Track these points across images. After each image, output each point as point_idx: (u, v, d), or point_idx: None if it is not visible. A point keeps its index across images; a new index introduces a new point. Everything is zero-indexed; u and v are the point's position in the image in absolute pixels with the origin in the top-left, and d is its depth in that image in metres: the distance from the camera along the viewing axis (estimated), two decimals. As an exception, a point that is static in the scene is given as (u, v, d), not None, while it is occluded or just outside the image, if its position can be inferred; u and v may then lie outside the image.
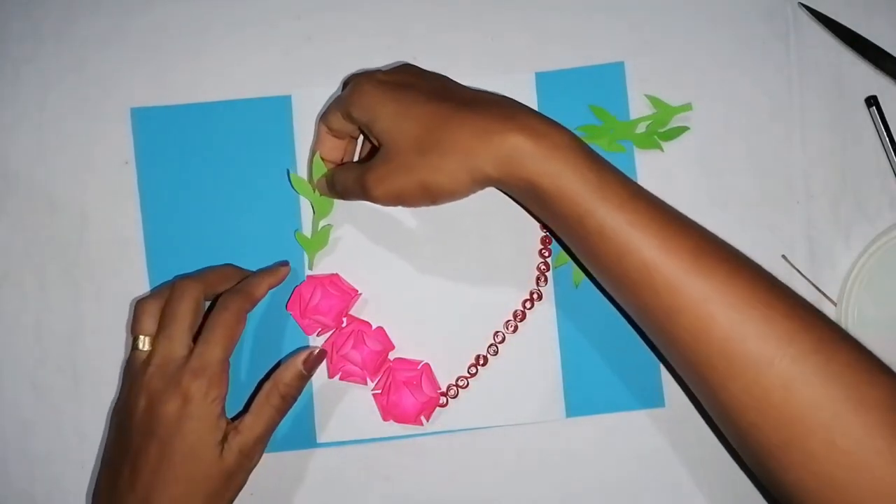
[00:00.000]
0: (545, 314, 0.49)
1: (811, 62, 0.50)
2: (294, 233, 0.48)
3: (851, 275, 0.48)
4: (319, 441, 0.48)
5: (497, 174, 0.39)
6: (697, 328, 0.37)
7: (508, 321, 0.49)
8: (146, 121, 0.50)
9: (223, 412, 0.42)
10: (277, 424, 0.44)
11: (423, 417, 0.47)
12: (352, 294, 0.48)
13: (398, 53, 0.50)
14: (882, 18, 0.50)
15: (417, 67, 0.45)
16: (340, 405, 0.48)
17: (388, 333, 0.48)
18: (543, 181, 0.38)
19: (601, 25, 0.50)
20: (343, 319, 0.48)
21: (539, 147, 0.38)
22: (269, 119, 0.50)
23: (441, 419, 0.48)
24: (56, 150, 0.50)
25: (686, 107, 0.50)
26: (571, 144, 0.39)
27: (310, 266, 0.48)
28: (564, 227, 0.40)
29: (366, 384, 0.48)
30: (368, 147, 0.48)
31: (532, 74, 0.50)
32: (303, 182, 0.48)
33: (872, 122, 0.50)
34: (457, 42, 0.50)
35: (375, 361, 0.47)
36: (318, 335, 0.48)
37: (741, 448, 0.39)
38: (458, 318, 0.49)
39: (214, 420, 0.41)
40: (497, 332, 0.48)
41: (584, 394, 0.48)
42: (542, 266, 0.49)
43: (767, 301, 0.36)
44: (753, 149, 0.50)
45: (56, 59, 0.50)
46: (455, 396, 0.48)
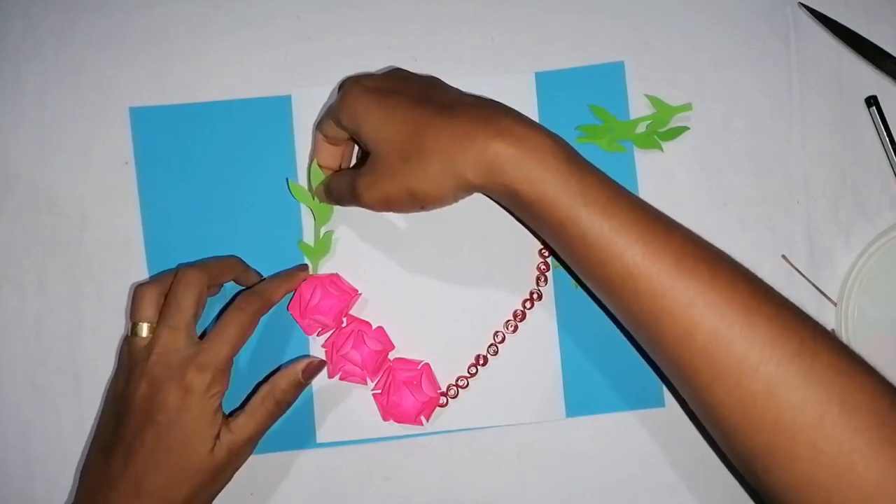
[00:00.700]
0: (545, 314, 0.49)
1: (811, 62, 0.50)
2: (298, 242, 0.49)
3: (851, 275, 0.48)
4: (319, 441, 0.48)
5: (479, 180, 0.39)
6: (681, 332, 0.37)
7: (508, 321, 0.49)
8: (146, 121, 0.50)
9: (220, 407, 0.43)
10: (269, 427, 0.44)
11: (423, 417, 0.47)
12: (352, 294, 0.48)
13: (398, 53, 0.50)
14: (882, 18, 0.50)
15: (406, 71, 0.45)
16: (340, 405, 0.48)
17: (388, 333, 0.48)
18: (524, 187, 0.38)
19: (601, 25, 0.50)
20: (343, 319, 0.48)
21: (519, 152, 0.38)
22: (269, 119, 0.50)
23: (441, 419, 0.48)
24: (56, 150, 0.50)
25: (686, 107, 0.50)
26: (552, 148, 0.39)
27: (314, 272, 0.48)
28: (548, 233, 0.40)
29: (366, 384, 0.48)
30: (362, 152, 0.48)
31: (532, 74, 0.50)
32: (302, 190, 0.48)
33: (872, 122, 0.50)
34: (457, 42, 0.50)
35: (375, 361, 0.47)
36: (319, 335, 0.48)
37: (727, 450, 0.39)
38: (458, 318, 0.49)
39: (211, 414, 0.42)
40: (497, 332, 0.48)
41: (584, 394, 0.48)
42: (542, 266, 0.49)
43: (750, 305, 0.36)
44: (753, 149, 0.50)
45: (56, 59, 0.50)
46: (455, 396, 0.48)
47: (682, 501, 0.48)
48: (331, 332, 0.48)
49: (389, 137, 0.40)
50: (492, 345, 0.48)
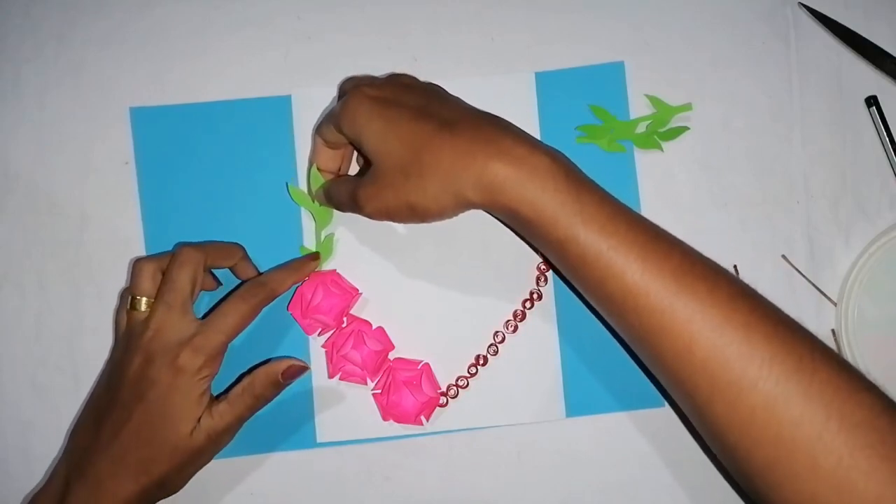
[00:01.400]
0: (545, 314, 0.49)
1: (811, 62, 0.50)
2: (299, 247, 0.49)
3: (851, 275, 0.48)
4: (319, 441, 0.48)
5: (478, 199, 0.39)
6: (681, 349, 0.37)
7: (508, 321, 0.49)
8: (146, 121, 0.50)
9: (208, 390, 0.43)
10: (248, 418, 0.44)
11: (423, 417, 0.47)
12: (352, 293, 0.48)
13: (398, 53, 0.50)
14: (882, 18, 0.50)
15: (409, 78, 0.45)
16: (340, 405, 0.48)
17: (388, 333, 0.48)
18: (523, 207, 0.39)
19: (601, 25, 0.50)
20: (343, 319, 0.48)
21: (518, 173, 0.38)
22: (269, 119, 0.50)
23: (441, 419, 0.48)
24: (56, 150, 0.50)
25: (686, 107, 0.50)
26: (551, 168, 0.39)
27: None
28: (548, 251, 0.41)
29: (366, 384, 0.48)
30: (364, 158, 0.48)
31: (532, 74, 0.50)
32: (301, 193, 0.48)
33: (872, 122, 0.50)
34: (457, 42, 0.50)
35: (375, 361, 0.47)
36: (319, 335, 0.48)
37: (729, 466, 0.39)
38: (458, 318, 0.49)
39: (198, 396, 0.42)
40: (497, 332, 0.48)
41: (584, 394, 0.48)
42: (542, 266, 0.49)
43: (749, 321, 0.37)
44: (753, 149, 0.50)
45: (56, 59, 0.50)
46: (455, 396, 0.48)
47: (682, 501, 0.48)
48: (331, 332, 0.48)
49: (391, 151, 0.41)
50: (492, 345, 0.48)
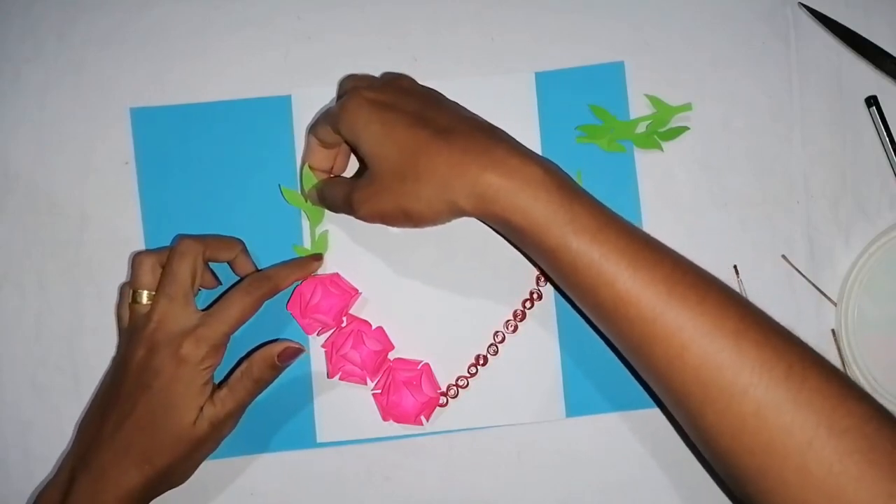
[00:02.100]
0: (545, 314, 0.49)
1: (811, 62, 0.50)
2: (293, 247, 0.49)
3: (851, 275, 0.48)
4: (319, 441, 0.48)
5: (471, 208, 0.40)
6: (672, 356, 0.37)
7: (508, 321, 0.49)
8: (146, 121, 0.50)
9: (211, 380, 0.44)
10: (249, 403, 0.45)
11: (423, 417, 0.47)
12: (352, 293, 0.48)
13: (398, 53, 0.50)
14: (882, 18, 0.50)
15: (408, 81, 0.46)
16: (340, 405, 0.48)
17: (388, 333, 0.48)
18: (515, 216, 0.39)
19: (601, 25, 0.50)
20: (343, 319, 0.48)
21: (510, 183, 0.39)
22: (269, 119, 0.50)
23: (441, 419, 0.48)
24: (56, 150, 0.50)
25: (686, 107, 0.50)
26: (544, 179, 0.39)
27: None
28: (540, 260, 0.41)
29: (366, 384, 0.48)
30: (359, 160, 0.48)
31: (532, 74, 0.50)
32: (294, 194, 0.48)
33: (872, 122, 0.50)
34: (457, 42, 0.50)
35: (375, 361, 0.47)
36: (319, 334, 0.48)
37: (722, 473, 0.40)
38: (459, 318, 0.49)
39: (201, 385, 0.43)
40: (497, 332, 0.48)
41: (584, 394, 0.48)
42: (542, 266, 0.49)
43: (739, 329, 0.37)
44: (753, 149, 0.50)
45: (56, 59, 0.50)
46: (455, 396, 0.48)
47: (682, 501, 0.48)
48: (330, 332, 0.48)
49: (387, 155, 0.41)
50: (492, 345, 0.48)
